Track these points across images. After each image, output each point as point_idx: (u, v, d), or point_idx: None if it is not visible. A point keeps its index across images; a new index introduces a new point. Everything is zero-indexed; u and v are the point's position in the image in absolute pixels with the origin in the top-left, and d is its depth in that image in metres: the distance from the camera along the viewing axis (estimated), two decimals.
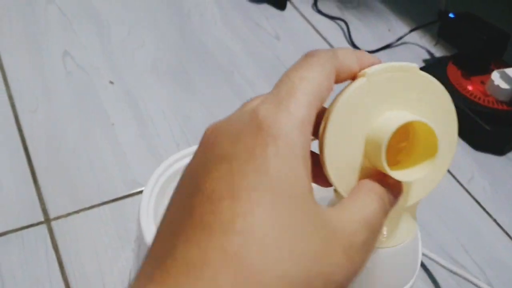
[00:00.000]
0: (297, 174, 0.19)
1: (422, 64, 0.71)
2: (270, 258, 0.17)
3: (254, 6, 0.77)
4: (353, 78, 0.23)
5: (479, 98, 0.64)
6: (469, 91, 0.65)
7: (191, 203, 0.19)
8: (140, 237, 0.32)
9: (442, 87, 0.24)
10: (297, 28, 0.75)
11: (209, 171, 0.19)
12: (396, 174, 0.22)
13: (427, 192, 0.25)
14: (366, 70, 0.23)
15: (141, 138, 0.57)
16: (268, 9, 0.77)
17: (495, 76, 0.63)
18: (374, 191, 0.22)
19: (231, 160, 0.19)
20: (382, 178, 0.22)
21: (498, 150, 0.63)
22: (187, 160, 0.32)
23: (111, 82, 0.63)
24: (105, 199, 0.51)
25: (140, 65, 0.66)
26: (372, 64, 0.23)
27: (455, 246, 0.53)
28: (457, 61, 0.68)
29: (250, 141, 0.19)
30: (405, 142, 0.24)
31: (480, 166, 0.61)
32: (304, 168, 0.19)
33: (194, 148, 0.36)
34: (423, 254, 0.49)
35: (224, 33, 0.72)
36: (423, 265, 0.51)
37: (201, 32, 0.72)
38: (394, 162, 0.23)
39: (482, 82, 0.65)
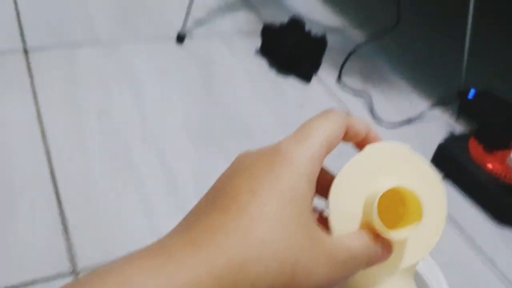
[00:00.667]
0: (302, 191, 0.24)
1: (444, 138, 0.73)
2: (269, 237, 0.22)
3: (282, 78, 0.81)
4: (360, 147, 0.28)
5: (500, 175, 0.65)
6: (489, 167, 0.66)
7: (216, 196, 0.24)
8: None
9: (427, 163, 0.28)
10: (321, 99, 0.78)
11: (233, 177, 0.24)
12: (387, 232, 0.26)
13: (420, 257, 0.28)
14: (370, 144, 0.28)
15: (170, 195, 0.59)
16: (294, 82, 0.81)
17: None
18: (365, 236, 0.26)
19: (252, 170, 0.24)
20: (376, 236, 0.26)
21: None
22: None
23: (143, 140, 0.65)
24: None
25: (170, 126, 0.68)
26: (376, 139, 0.28)
27: None
28: (478, 136, 0.70)
29: (271, 159, 0.24)
30: (403, 208, 0.28)
31: (504, 240, 0.61)
32: (308, 188, 0.24)
33: None
34: None
35: (251, 101, 0.75)
36: None
37: (229, 99, 0.75)
38: (393, 226, 0.27)
39: (504, 157, 0.67)
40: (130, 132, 0.66)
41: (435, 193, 0.28)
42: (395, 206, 0.27)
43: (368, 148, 0.28)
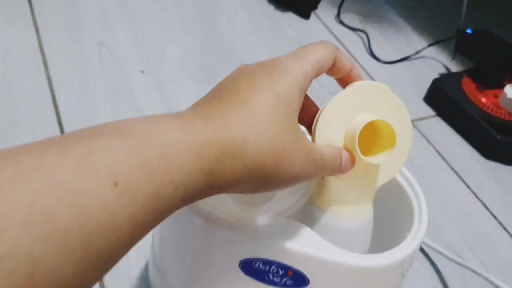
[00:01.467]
0: (294, 98, 0.27)
1: (438, 76, 0.74)
2: (266, 127, 0.26)
3: (280, 14, 0.81)
4: (343, 83, 0.33)
5: (492, 110, 0.66)
6: (482, 102, 0.67)
7: (220, 91, 0.27)
8: None
9: (402, 103, 0.33)
10: (319, 36, 0.79)
11: (236, 79, 0.28)
12: (366, 159, 0.31)
13: (388, 178, 0.34)
14: (354, 83, 0.32)
15: None
16: (293, 18, 0.81)
17: (508, 90, 0.66)
18: (337, 150, 0.31)
19: (253, 75, 0.27)
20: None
21: (507, 159, 0.65)
22: None
23: (142, 72, 0.67)
24: None
25: (170, 59, 0.70)
26: (358, 77, 0.33)
27: (461, 244, 0.55)
28: (472, 75, 0.71)
29: (270, 69, 0.28)
30: (375, 138, 0.32)
31: (489, 174, 0.64)
32: (299, 98, 0.28)
33: None
34: (431, 248, 0.51)
35: (250, 37, 0.76)
36: (429, 259, 0.53)
37: (228, 34, 0.76)
38: (365, 148, 0.31)
39: (495, 96, 0.68)
40: (130, 64, 0.68)
41: (405, 126, 0.33)
42: (370, 134, 0.32)
43: (351, 86, 0.32)
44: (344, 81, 0.33)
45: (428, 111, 0.71)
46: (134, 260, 0.47)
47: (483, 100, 0.68)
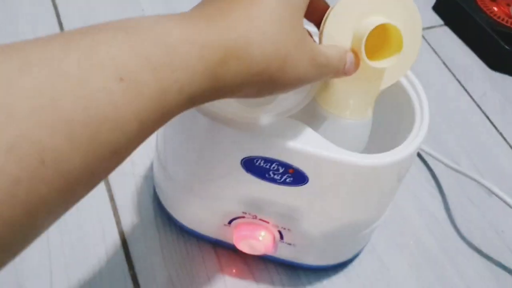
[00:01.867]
0: None
1: None
2: (270, 29, 0.25)
3: None
4: None
5: (503, 19, 0.65)
6: (493, 11, 0.66)
7: None
8: None
9: (416, 8, 0.32)
10: None
11: None
12: (371, 63, 0.31)
13: (392, 82, 0.34)
14: None
15: None
16: None
17: None
18: (342, 51, 0.30)
19: None
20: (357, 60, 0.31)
21: None
22: None
23: None
24: None
25: None
26: None
27: (460, 152, 0.56)
28: None
29: None
30: (382, 41, 0.32)
31: (494, 85, 0.63)
32: None
33: None
34: (427, 153, 0.52)
35: None
36: (426, 165, 0.54)
37: None
38: (372, 51, 0.31)
39: (508, 5, 0.66)
40: None
41: (415, 32, 0.33)
42: (378, 38, 0.31)
43: None
44: None
45: (437, 20, 0.69)
46: (139, 159, 0.48)
47: (495, 9, 0.66)
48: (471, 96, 0.62)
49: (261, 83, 0.26)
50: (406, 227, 0.49)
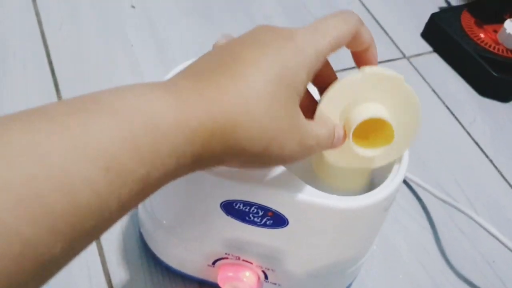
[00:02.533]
0: (301, 79, 0.26)
1: (437, 10, 0.72)
2: (259, 113, 0.25)
3: None
4: (357, 59, 0.31)
5: (490, 46, 0.65)
6: (480, 38, 0.66)
7: (221, 58, 0.26)
8: None
9: (415, 94, 0.31)
10: None
11: (244, 43, 0.27)
12: (360, 150, 0.31)
13: (385, 163, 0.34)
14: (366, 67, 0.30)
15: (159, 61, 0.60)
16: None
17: (508, 25, 0.64)
18: (331, 127, 0.30)
19: (264, 43, 0.26)
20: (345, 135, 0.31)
21: (502, 97, 0.65)
22: None
23: (133, 7, 0.65)
24: None
25: None
26: (375, 56, 0.31)
27: (449, 181, 0.56)
28: (472, 9, 0.69)
29: (282, 41, 0.26)
30: (375, 127, 0.31)
31: (483, 111, 0.63)
32: (306, 79, 0.27)
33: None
34: (417, 184, 0.52)
35: None
36: (415, 194, 0.54)
37: None
38: (364, 135, 0.31)
39: (495, 31, 0.66)
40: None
41: (411, 126, 0.32)
42: (370, 125, 0.30)
43: (362, 71, 0.30)
44: (357, 56, 0.31)
45: (425, 47, 0.70)
46: None
47: (482, 35, 0.66)
48: (460, 123, 0.61)
49: (244, 159, 0.26)
50: (396, 260, 0.49)
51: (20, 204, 0.18)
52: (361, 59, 0.31)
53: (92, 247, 0.44)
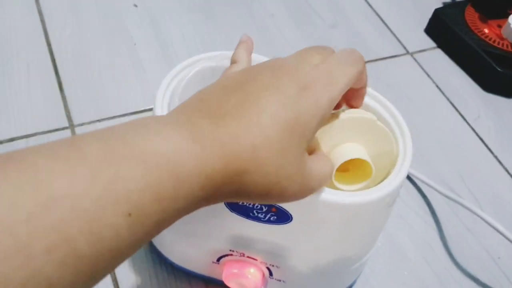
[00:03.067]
0: (312, 125, 0.27)
1: (441, 6, 0.71)
2: (267, 161, 0.25)
3: None
4: (346, 95, 0.32)
5: (494, 41, 0.65)
6: (484, 33, 0.66)
7: (237, 94, 0.26)
8: None
9: (388, 131, 0.35)
10: None
11: (259, 84, 0.27)
12: (339, 185, 0.33)
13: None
14: (341, 112, 0.33)
15: (161, 58, 0.60)
16: None
17: None
18: (332, 168, 0.32)
19: (279, 90, 0.26)
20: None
21: (507, 92, 0.64)
22: (197, 65, 0.36)
23: (135, 5, 0.65)
24: (126, 112, 0.54)
25: None
26: (360, 99, 0.34)
27: (454, 177, 0.55)
28: (476, 5, 0.69)
29: (299, 90, 0.27)
30: (356, 162, 0.33)
31: (488, 107, 0.63)
32: (316, 127, 0.27)
33: (202, 55, 0.39)
34: (422, 181, 0.52)
35: None
36: (420, 191, 0.54)
37: None
38: (344, 168, 0.33)
39: (499, 26, 0.66)
40: None
41: (386, 160, 0.35)
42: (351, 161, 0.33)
43: (338, 118, 0.33)
44: (348, 93, 0.32)
45: (429, 42, 0.69)
46: None
47: (486, 31, 0.66)
48: (465, 119, 0.61)
49: (246, 199, 0.27)
50: (400, 257, 0.48)
51: (52, 249, 0.19)
52: (350, 93, 0.32)
53: None
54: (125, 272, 0.43)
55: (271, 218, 0.34)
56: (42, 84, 0.55)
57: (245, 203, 0.34)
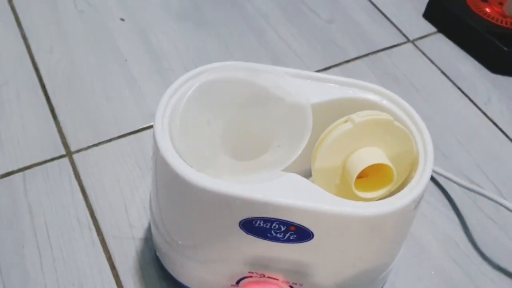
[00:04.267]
0: None
1: None
2: None
3: None
4: None
5: (497, 20, 0.62)
6: (486, 12, 0.63)
7: None
8: (156, 152, 0.33)
9: (407, 131, 0.33)
10: None
11: None
12: (360, 193, 0.32)
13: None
14: (353, 116, 0.31)
15: (155, 73, 0.58)
16: None
17: None
18: None
19: None
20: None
21: None
22: (196, 80, 0.34)
23: (122, 19, 0.63)
24: (124, 132, 0.52)
25: (150, 2, 0.65)
26: None
27: (471, 167, 0.53)
28: None
29: None
30: (375, 167, 0.32)
31: (497, 89, 0.61)
32: None
33: (200, 68, 0.37)
34: (439, 174, 0.50)
35: None
36: (438, 185, 0.51)
37: None
38: (364, 174, 0.32)
39: (500, 4, 0.64)
40: (108, 13, 0.64)
41: (406, 162, 0.33)
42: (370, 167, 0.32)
43: (352, 121, 0.31)
44: None
45: (429, 27, 0.67)
46: (136, 221, 0.46)
47: (487, 10, 0.63)
48: (475, 104, 0.59)
49: None
50: (425, 257, 0.46)
51: None
52: None
53: (109, 279, 0.42)
54: None
55: (291, 237, 0.32)
56: (35, 113, 0.53)
57: (261, 225, 0.31)
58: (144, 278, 0.42)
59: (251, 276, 0.37)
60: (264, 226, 0.32)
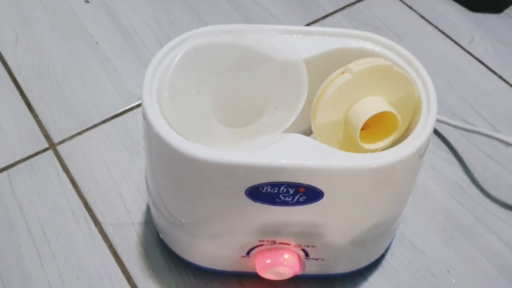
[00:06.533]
0: None
1: None
2: None
3: None
4: None
5: None
6: None
7: None
8: (148, 130, 0.31)
9: (409, 77, 0.32)
10: None
11: None
12: (365, 145, 0.31)
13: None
14: (350, 65, 0.30)
15: (129, 51, 0.55)
16: None
17: None
18: None
19: None
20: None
21: (495, 7, 0.61)
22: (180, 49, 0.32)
23: (87, 1, 0.60)
24: (106, 116, 0.50)
25: None
26: None
27: (463, 107, 0.52)
28: None
29: None
30: (378, 116, 0.31)
31: (479, 27, 0.60)
32: None
33: (182, 36, 0.35)
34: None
35: None
36: (435, 131, 0.51)
37: None
38: (366, 125, 0.31)
39: None
40: None
41: (408, 107, 0.32)
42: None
43: (350, 72, 0.30)
44: None
45: None
46: (133, 205, 0.44)
47: None
48: (459, 45, 0.58)
49: None
50: (431, 204, 0.46)
51: None
52: None
53: (114, 267, 0.41)
54: (148, 287, 0.40)
55: (300, 199, 0.31)
56: (10, 108, 0.50)
57: (269, 190, 0.30)
58: (150, 262, 0.41)
59: (262, 245, 0.36)
60: (272, 191, 0.30)
